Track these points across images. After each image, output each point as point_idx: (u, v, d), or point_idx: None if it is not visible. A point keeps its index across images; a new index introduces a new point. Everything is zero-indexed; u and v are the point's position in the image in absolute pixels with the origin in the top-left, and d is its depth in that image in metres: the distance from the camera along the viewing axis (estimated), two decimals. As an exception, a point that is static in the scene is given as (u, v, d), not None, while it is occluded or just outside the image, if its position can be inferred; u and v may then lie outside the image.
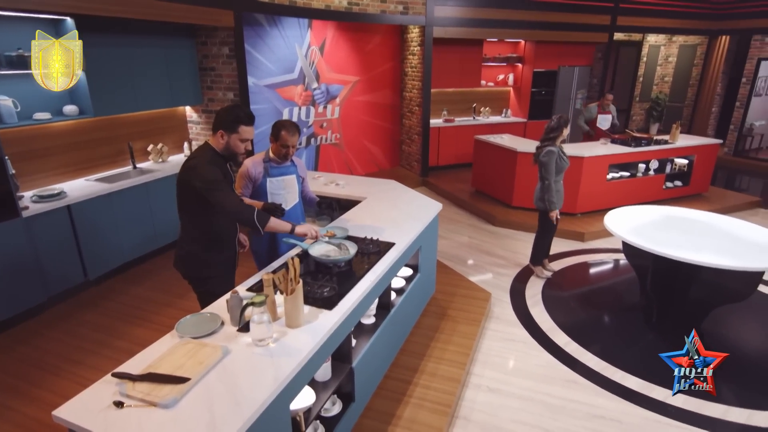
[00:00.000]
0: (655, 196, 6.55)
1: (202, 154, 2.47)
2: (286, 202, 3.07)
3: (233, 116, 2.43)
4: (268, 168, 2.99)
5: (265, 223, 2.45)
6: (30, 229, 3.66)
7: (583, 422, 2.84)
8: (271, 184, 3.01)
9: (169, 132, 5.56)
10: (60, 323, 3.76)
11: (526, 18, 7.93)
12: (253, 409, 1.59)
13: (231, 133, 2.44)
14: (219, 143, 2.48)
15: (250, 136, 2.51)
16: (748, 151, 10.01)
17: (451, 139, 8.44)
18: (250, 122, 2.49)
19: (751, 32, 9.41)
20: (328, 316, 2.16)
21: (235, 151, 2.50)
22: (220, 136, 2.46)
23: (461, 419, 2.85)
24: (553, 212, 4.29)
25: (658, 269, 3.71)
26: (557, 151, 4.23)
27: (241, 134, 2.46)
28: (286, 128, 2.89)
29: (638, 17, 9.03)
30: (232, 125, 2.43)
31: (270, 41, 6.19)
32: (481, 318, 3.78)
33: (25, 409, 2.83)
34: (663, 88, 11.11)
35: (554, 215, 4.30)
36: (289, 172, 3.07)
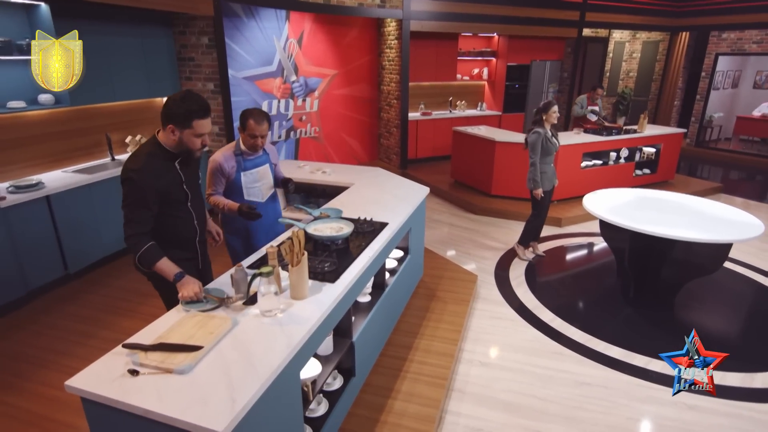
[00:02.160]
0: (626, 183, 6.82)
1: (141, 152, 2.13)
2: (262, 194, 2.94)
3: (184, 109, 2.06)
4: (240, 161, 2.81)
5: (154, 262, 2.10)
6: (7, 220, 3.54)
7: (571, 389, 2.97)
8: (246, 178, 2.84)
9: (148, 124, 5.44)
10: (41, 317, 3.65)
11: (500, 12, 8.13)
12: (269, 372, 1.62)
13: (183, 128, 2.09)
14: (170, 139, 2.13)
15: (207, 129, 2.15)
16: (709, 142, 10.55)
17: (428, 132, 8.56)
18: (205, 114, 2.11)
19: (709, 28, 9.91)
20: (331, 289, 2.20)
21: (189, 147, 2.15)
22: (171, 131, 2.10)
23: (456, 392, 2.93)
24: (537, 190, 4.44)
25: (635, 247, 3.89)
26: (543, 133, 4.39)
27: (196, 129, 2.10)
28: (253, 117, 2.72)
29: (605, 13, 9.38)
30: (184, 120, 2.07)
31: (247, 33, 6.14)
32: (469, 298, 3.88)
33: (10, 400, 2.74)
34: (628, 83, 11.56)
35: (538, 193, 4.45)
36: (263, 162, 2.91)
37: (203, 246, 2.52)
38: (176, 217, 2.27)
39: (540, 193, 4.44)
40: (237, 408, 1.45)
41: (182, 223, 2.31)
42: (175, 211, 2.25)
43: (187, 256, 2.38)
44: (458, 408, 2.80)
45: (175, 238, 2.31)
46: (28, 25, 3.89)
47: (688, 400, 2.88)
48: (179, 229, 2.31)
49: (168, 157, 2.17)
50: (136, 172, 2.05)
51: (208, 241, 2.62)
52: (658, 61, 11.45)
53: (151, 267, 2.11)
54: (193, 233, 2.39)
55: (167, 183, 2.16)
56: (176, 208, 2.25)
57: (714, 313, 4.02)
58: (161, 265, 2.10)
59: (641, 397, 2.92)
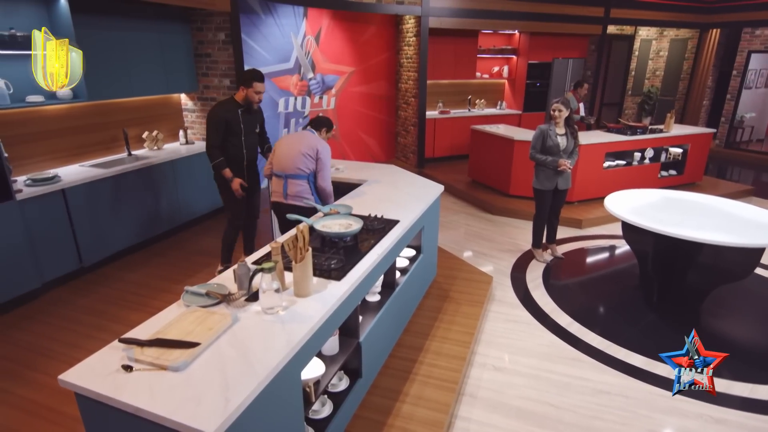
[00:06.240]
0: (651, 185, 6.57)
1: (224, 100, 3.81)
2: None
3: (249, 75, 3.66)
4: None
5: (220, 168, 3.75)
6: (24, 212, 3.58)
7: (588, 398, 2.83)
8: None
9: (164, 119, 5.48)
10: (54, 309, 3.68)
11: (522, 9, 7.95)
12: (266, 371, 1.55)
13: (248, 87, 3.66)
14: (240, 95, 3.73)
15: (262, 90, 3.73)
16: (739, 143, 10.14)
17: (446, 131, 8.43)
18: (261, 79, 3.70)
19: (742, 25, 9.52)
20: (336, 287, 2.13)
21: (250, 100, 3.73)
22: (241, 90, 3.70)
23: (467, 396, 2.83)
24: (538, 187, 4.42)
25: (659, 249, 3.72)
26: (545, 129, 4.27)
27: (255, 88, 3.68)
28: (259, 78, 3.69)
29: (631, 9, 9.10)
30: (249, 81, 3.65)
31: (265, 29, 6.13)
32: (484, 300, 3.77)
33: (20, 391, 2.75)
34: (654, 82, 11.21)
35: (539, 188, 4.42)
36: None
37: (250, 169, 3.96)
38: (232, 143, 3.79)
39: (543, 159, 4.29)
40: (230, 408, 1.38)
41: (233, 148, 3.80)
42: (233, 138, 3.78)
43: (236, 172, 3.84)
44: (469, 413, 2.70)
45: (229, 156, 3.79)
46: (48, 20, 3.93)
47: (714, 413, 2.72)
48: (232, 152, 3.81)
49: (236, 106, 3.75)
50: (214, 110, 3.70)
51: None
52: (686, 60, 11.08)
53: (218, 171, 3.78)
54: (242, 157, 3.85)
55: (230, 119, 3.71)
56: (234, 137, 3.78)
57: (744, 323, 3.81)
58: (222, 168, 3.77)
59: (664, 408, 2.76)
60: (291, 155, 3.38)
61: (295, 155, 3.37)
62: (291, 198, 3.42)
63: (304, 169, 3.38)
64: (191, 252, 4.68)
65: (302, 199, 3.40)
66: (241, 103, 3.75)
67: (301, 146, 3.37)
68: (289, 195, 3.42)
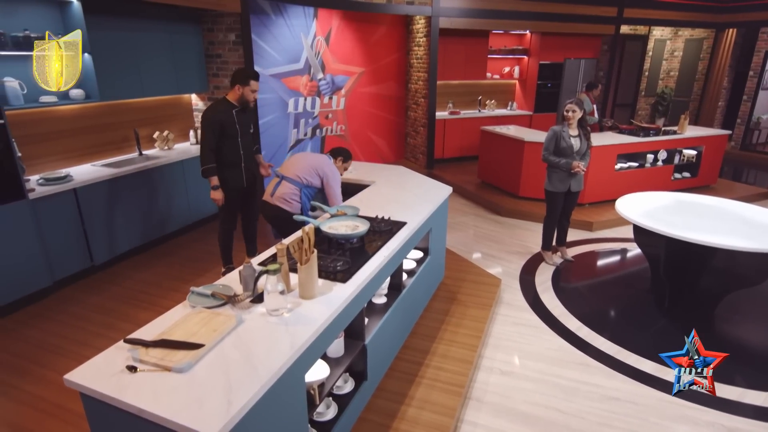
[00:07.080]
0: (664, 187, 6.48)
1: (216, 101, 3.63)
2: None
3: (245, 74, 3.53)
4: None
5: (209, 174, 3.60)
6: (36, 211, 3.63)
7: (597, 404, 2.79)
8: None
9: (175, 120, 5.52)
10: (65, 307, 3.72)
11: (533, 9, 7.89)
12: (269, 374, 1.54)
13: (244, 86, 3.52)
14: (235, 95, 3.57)
15: (257, 88, 3.60)
16: (755, 145, 9.95)
17: (456, 132, 8.39)
18: (257, 78, 3.58)
19: (759, 24, 9.35)
20: (342, 289, 2.12)
21: (247, 99, 3.58)
22: (237, 89, 3.54)
23: (474, 400, 2.80)
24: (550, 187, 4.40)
25: (671, 253, 3.65)
26: (558, 130, 4.23)
27: (252, 87, 3.55)
28: (255, 76, 3.58)
29: (645, 9, 8.98)
30: (245, 80, 3.51)
31: (275, 30, 6.14)
32: (492, 303, 3.73)
33: (29, 388, 2.79)
34: (669, 83, 11.05)
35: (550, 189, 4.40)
36: None
37: (248, 171, 3.83)
38: (228, 146, 3.63)
39: (557, 161, 4.25)
40: (232, 411, 1.38)
41: (230, 151, 3.66)
42: (228, 141, 3.62)
43: (234, 175, 3.74)
44: (475, 418, 2.67)
45: (227, 159, 3.66)
46: (61, 21, 3.98)
47: (726, 421, 2.66)
48: (229, 153, 3.67)
49: (229, 105, 3.59)
50: (208, 113, 3.53)
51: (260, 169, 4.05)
52: (701, 60, 10.90)
53: (205, 176, 3.61)
54: (239, 159, 3.72)
55: (225, 121, 3.55)
56: (229, 139, 3.63)
57: (758, 329, 3.72)
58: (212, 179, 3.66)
59: (674, 415, 2.71)
60: (298, 164, 3.48)
61: (302, 165, 3.47)
62: (277, 198, 3.43)
63: (303, 178, 3.43)
64: (201, 251, 4.71)
65: (286, 202, 3.41)
66: (235, 103, 3.59)
67: (313, 162, 3.48)
68: (276, 195, 3.44)
